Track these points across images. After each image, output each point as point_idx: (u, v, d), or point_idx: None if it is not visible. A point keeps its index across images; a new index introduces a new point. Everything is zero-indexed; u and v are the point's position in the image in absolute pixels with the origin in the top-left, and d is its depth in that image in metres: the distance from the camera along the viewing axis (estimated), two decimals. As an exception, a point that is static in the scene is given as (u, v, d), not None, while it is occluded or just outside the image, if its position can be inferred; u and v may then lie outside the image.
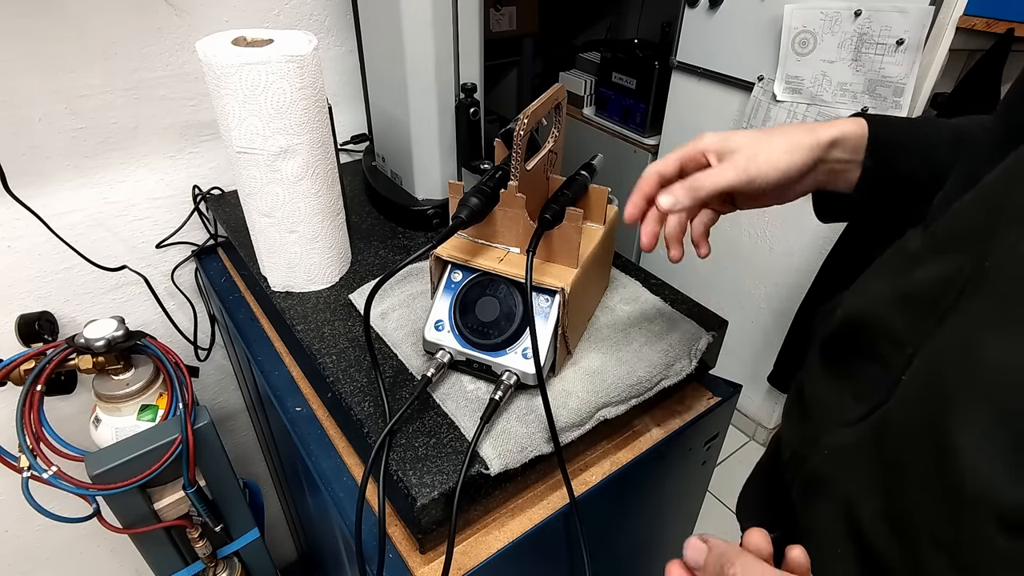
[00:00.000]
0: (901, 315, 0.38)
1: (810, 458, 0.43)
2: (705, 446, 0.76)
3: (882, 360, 0.39)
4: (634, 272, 0.76)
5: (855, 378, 0.42)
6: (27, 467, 0.70)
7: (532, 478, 0.60)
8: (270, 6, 0.93)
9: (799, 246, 1.52)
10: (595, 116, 1.98)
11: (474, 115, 0.78)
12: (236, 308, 0.87)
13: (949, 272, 0.35)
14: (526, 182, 0.55)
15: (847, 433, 0.40)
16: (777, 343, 1.62)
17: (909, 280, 0.38)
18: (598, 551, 0.70)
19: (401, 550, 0.56)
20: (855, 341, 0.43)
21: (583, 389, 0.59)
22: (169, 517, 0.81)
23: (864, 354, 0.41)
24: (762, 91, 1.40)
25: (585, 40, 2.28)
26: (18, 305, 0.88)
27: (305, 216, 0.69)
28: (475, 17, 0.76)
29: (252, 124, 0.61)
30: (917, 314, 0.36)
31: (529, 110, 0.52)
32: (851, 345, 0.43)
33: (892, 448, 0.35)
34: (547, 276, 0.57)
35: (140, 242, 0.96)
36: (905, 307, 0.38)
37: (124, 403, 0.77)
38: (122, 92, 0.85)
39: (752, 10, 1.37)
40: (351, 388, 0.60)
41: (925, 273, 0.37)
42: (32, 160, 0.82)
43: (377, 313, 0.68)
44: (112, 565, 1.18)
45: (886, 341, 0.39)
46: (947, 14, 1.13)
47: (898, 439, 0.35)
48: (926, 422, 0.33)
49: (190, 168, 0.96)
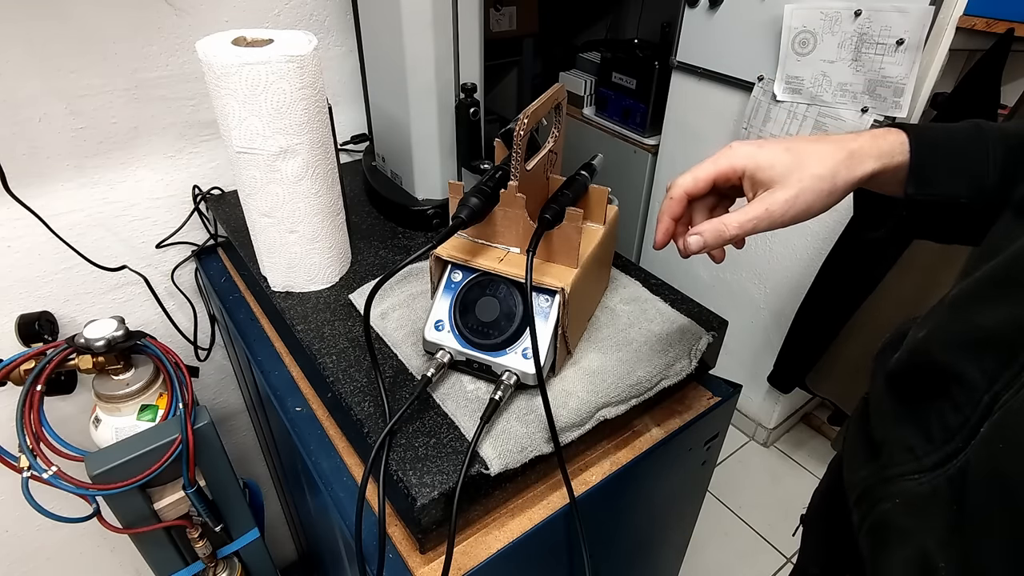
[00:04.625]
0: (971, 358, 0.36)
1: (880, 504, 0.41)
2: (705, 446, 0.76)
3: (954, 403, 0.37)
4: (634, 272, 0.76)
5: (926, 418, 0.39)
6: (27, 467, 0.70)
7: (532, 478, 0.60)
8: (270, 6, 0.93)
9: (799, 246, 1.52)
10: (595, 116, 1.98)
11: (474, 115, 0.78)
12: (236, 308, 0.87)
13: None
14: (526, 182, 0.55)
15: (921, 481, 0.38)
16: (777, 343, 1.62)
17: (975, 320, 0.36)
18: (598, 551, 0.70)
19: (401, 550, 0.56)
20: (923, 380, 0.40)
21: (583, 389, 0.59)
22: (169, 517, 0.81)
23: (934, 394, 0.39)
24: (762, 91, 1.40)
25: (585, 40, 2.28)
26: (18, 305, 0.88)
27: (305, 216, 0.69)
28: (475, 17, 0.76)
29: (252, 124, 0.61)
30: (991, 360, 0.35)
31: (529, 110, 0.52)
32: (919, 384, 0.41)
33: (973, 506, 0.34)
34: (547, 276, 0.57)
35: (140, 242, 0.96)
36: (976, 350, 0.36)
37: (124, 403, 0.77)
38: (122, 92, 0.85)
39: (752, 10, 1.37)
40: (351, 388, 0.60)
41: (996, 315, 0.35)
42: (32, 160, 0.82)
43: (377, 313, 0.68)
44: (112, 565, 1.18)
45: (957, 385, 0.37)
46: (947, 14, 1.13)
47: (980, 497, 0.33)
48: (1013, 486, 0.31)
49: (190, 168, 0.96)
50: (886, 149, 0.44)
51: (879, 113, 1.22)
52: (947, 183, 0.44)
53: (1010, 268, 0.36)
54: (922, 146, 0.44)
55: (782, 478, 1.78)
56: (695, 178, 0.46)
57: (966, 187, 0.44)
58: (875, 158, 0.44)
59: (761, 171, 0.44)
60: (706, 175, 0.46)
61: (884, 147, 0.44)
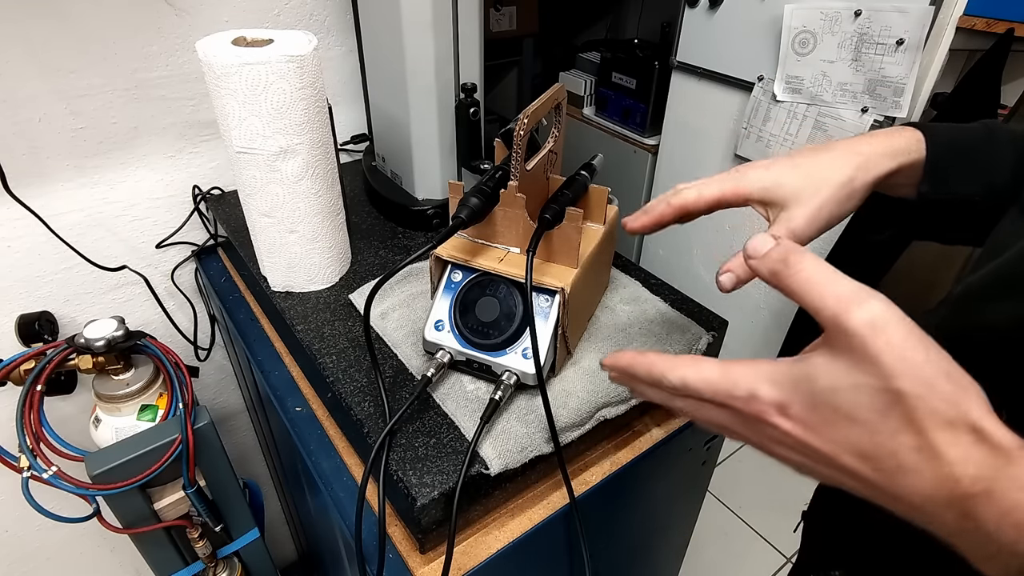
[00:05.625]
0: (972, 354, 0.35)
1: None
2: (705, 446, 0.76)
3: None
4: (634, 272, 0.76)
5: None
6: (27, 467, 0.70)
7: (532, 478, 0.60)
8: (270, 6, 0.93)
9: (799, 246, 1.52)
10: (595, 116, 1.97)
11: (474, 115, 0.78)
12: (236, 308, 0.87)
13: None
14: (526, 182, 0.55)
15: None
16: (777, 343, 1.62)
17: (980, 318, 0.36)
18: (598, 551, 0.70)
19: (401, 550, 0.56)
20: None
21: (583, 389, 0.59)
22: (169, 517, 0.81)
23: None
24: (762, 91, 1.40)
25: (585, 40, 2.28)
26: (18, 305, 0.88)
27: (305, 216, 0.69)
28: (475, 17, 0.76)
29: (252, 124, 0.61)
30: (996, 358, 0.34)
31: (529, 110, 0.52)
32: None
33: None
34: (547, 276, 0.57)
35: (140, 242, 0.96)
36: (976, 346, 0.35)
37: (124, 403, 0.77)
38: (122, 92, 0.85)
39: (752, 10, 1.37)
40: (351, 388, 0.60)
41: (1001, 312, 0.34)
42: (32, 160, 0.82)
43: (377, 313, 0.68)
44: (112, 565, 1.18)
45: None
46: (947, 14, 1.12)
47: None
48: None
49: (190, 168, 0.96)
50: (902, 147, 0.43)
51: (879, 113, 1.22)
52: (962, 182, 0.44)
53: (1016, 266, 0.36)
54: (937, 145, 0.43)
55: (782, 478, 1.78)
56: (699, 195, 0.45)
57: (980, 187, 0.43)
58: (890, 157, 0.43)
59: (772, 193, 0.43)
60: (710, 196, 0.45)
61: (899, 145, 0.43)
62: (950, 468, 0.23)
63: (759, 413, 0.29)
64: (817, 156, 0.44)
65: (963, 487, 0.23)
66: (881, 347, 0.24)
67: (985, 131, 0.45)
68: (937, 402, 0.24)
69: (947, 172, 0.43)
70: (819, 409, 0.27)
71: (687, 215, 0.46)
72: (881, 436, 0.25)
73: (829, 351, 0.27)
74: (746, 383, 0.29)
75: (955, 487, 0.23)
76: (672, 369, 0.32)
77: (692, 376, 0.31)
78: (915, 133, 0.44)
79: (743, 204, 0.45)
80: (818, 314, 0.27)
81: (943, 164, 0.43)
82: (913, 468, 0.24)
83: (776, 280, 0.29)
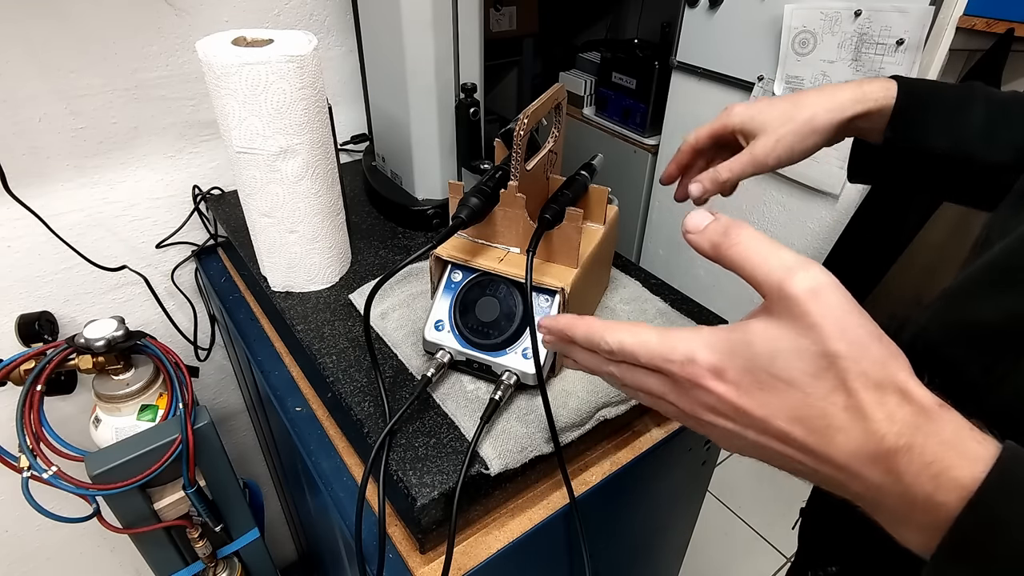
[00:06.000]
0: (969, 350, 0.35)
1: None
2: (705, 446, 0.76)
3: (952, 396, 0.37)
4: (634, 272, 0.76)
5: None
6: (27, 467, 0.70)
7: (532, 478, 0.60)
8: (270, 6, 0.93)
9: (799, 246, 1.52)
10: (595, 116, 1.97)
11: (474, 115, 0.78)
12: (236, 308, 0.87)
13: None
14: (526, 182, 0.55)
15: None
16: (777, 343, 1.62)
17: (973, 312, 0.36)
18: (598, 551, 0.70)
19: (401, 550, 0.56)
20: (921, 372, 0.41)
21: (583, 389, 0.59)
22: (169, 517, 0.81)
23: (931, 387, 0.39)
24: (762, 91, 1.40)
25: (585, 40, 2.28)
26: (18, 305, 0.88)
27: (305, 216, 0.69)
28: (475, 17, 0.76)
29: (252, 124, 0.61)
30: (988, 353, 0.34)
31: (529, 110, 0.52)
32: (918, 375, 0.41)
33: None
34: (547, 276, 0.57)
35: (140, 242, 0.96)
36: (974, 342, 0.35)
37: (124, 403, 0.77)
38: (122, 92, 0.85)
39: (752, 10, 1.37)
40: (351, 388, 0.60)
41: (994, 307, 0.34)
42: (32, 160, 0.82)
43: (377, 313, 0.68)
44: (112, 565, 1.18)
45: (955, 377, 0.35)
46: (947, 14, 1.12)
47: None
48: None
49: (190, 168, 0.96)
50: (871, 94, 0.47)
51: (879, 113, 1.22)
52: (928, 133, 0.46)
53: (1010, 258, 0.36)
54: (908, 94, 0.47)
55: (782, 478, 1.78)
56: (697, 135, 0.56)
57: (948, 140, 0.46)
58: (858, 101, 0.47)
59: (748, 125, 0.51)
60: (705, 132, 0.55)
61: (869, 92, 0.47)
62: (876, 425, 0.25)
63: (694, 377, 0.29)
64: (796, 97, 0.49)
65: (888, 443, 0.24)
66: (821, 311, 0.25)
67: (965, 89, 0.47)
68: (868, 364, 0.25)
69: (913, 121, 0.46)
70: (755, 373, 0.27)
71: (699, 154, 0.57)
72: (814, 397, 0.26)
73: (768, 317, 0.27)
74: (684, 347, 0.29)
75: (880, 443, 0.25)
76: (610, 331, 0.32)
77: (629, 340, 0.31)
78: (889, 83, 0.48)
79: (732, 136, 0.53)
80: (759, 282, 0.28)
81: (911, 114, 0.46)
82: (842, 427, 0.25)
83: (716, 252, 0.29)
